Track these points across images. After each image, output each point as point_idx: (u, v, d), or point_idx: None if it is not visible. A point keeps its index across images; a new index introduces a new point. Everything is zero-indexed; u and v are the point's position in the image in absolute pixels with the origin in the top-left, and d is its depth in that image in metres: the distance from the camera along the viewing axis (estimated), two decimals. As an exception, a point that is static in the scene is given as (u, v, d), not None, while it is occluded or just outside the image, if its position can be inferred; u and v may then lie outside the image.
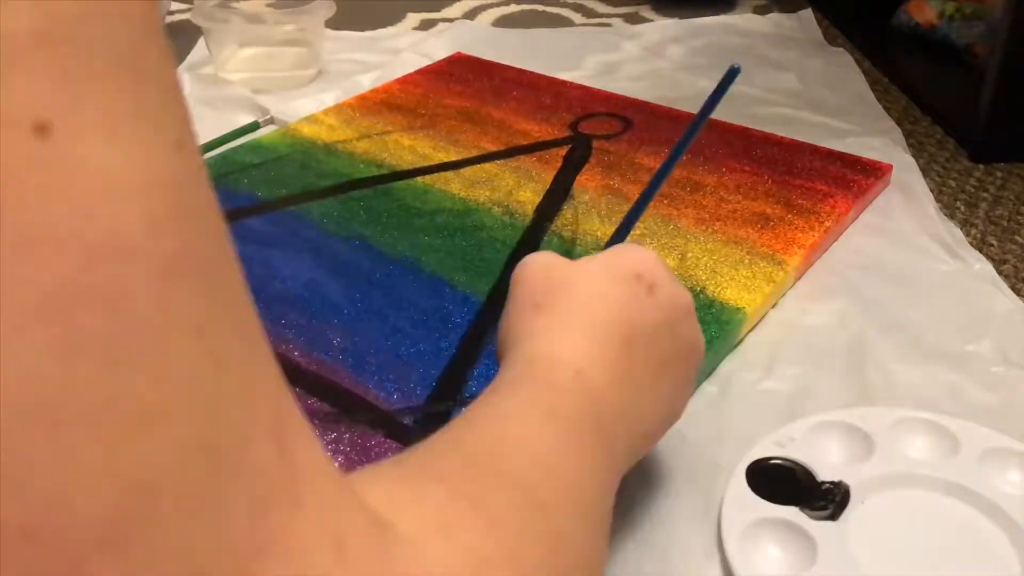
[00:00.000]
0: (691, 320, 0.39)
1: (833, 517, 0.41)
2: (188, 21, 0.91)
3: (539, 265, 0.38)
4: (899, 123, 0.81)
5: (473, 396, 0.47)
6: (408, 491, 0.23)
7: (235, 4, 0.92)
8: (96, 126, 0.16)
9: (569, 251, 0.59)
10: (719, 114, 0.77)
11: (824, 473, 0.44)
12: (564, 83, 0.84)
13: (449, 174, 0.69)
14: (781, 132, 0.74)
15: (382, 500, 0.21)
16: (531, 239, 0.60)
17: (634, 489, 0.44)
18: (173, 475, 0.16)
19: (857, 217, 0.66)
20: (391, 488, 0.23)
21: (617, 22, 1.08)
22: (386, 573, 0.20)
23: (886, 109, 0.84)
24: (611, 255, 0.39)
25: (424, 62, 0.90)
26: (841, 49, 0.97)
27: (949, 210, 0.69)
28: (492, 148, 0.72)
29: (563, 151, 0.72)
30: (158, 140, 0.17)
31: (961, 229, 0.66)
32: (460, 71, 0.87)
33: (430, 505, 0.23)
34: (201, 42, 0.94)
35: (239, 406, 0.18)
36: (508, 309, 0.37)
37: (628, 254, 0.39)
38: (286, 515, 0.18)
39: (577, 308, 0.35)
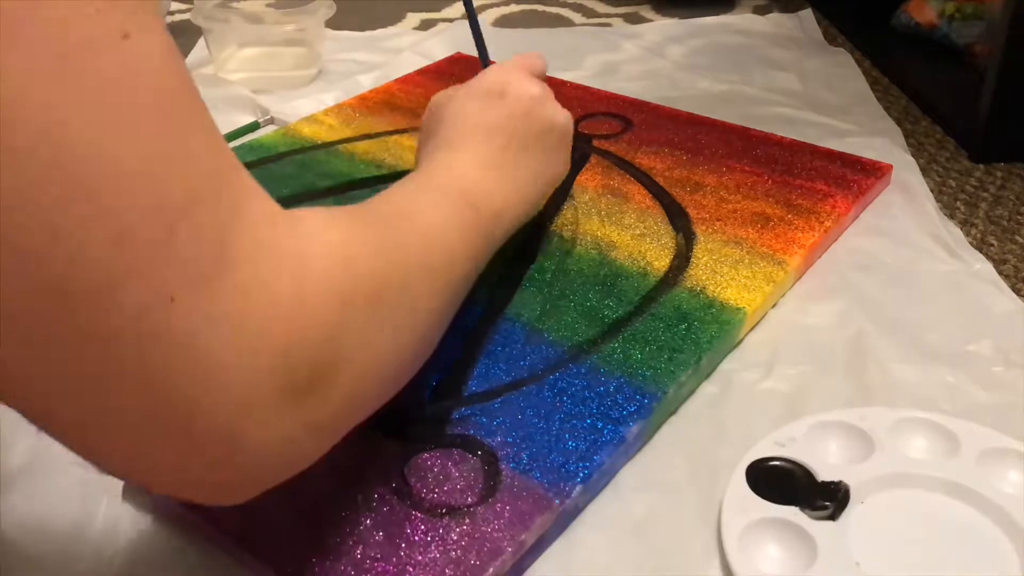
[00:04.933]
0: (543, 104, 0.52)
1: (833, 517, 0.41)
2: (188, 21, 0.91)
3: (429, 106, 0.53)
4: (899, 123, 0.81)
5: (473, 395, 0.47)
6: (322, 212, 0.34)
7: (235, 4, 0.92)
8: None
9: (569, 251, 0.59)
10: (719, 114, 0.78)
11: (824, 473, 0.44)
12: (564, 83, 0.84)
13: (449, 174, 0.68)
14: (781, 132, 0.74)
15: (305, 213, 0.32)
16: (531, 239, 0.60)
17: (634, 489, 0.44)
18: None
19: (857, 217, 0.66)
20: (311, 211, 0.33)
21: (617, 22, 1.08)
22: (285, 238, 0.30)
23: (886, 109, 0.84)
24: (474, 80, 0.52)
25: (424, 62, 0.90)
26: (841, 49, 0.97)
27: (949, 210, 0.69)
28: (492, 148, 0.72)
29: (563, 151, 0.72)
30: None
31: (961, 229, 0.66)
32: (460, 71, 0.87)
33: (325, 215, 0.33)
34: (201, 42, 0.94)
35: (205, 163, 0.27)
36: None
37: (485, 75, 0.53)
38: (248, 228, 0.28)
39: (449, 129, 0.49)
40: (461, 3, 1.12)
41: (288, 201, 0.65)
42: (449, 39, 0.98)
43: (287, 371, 0.29)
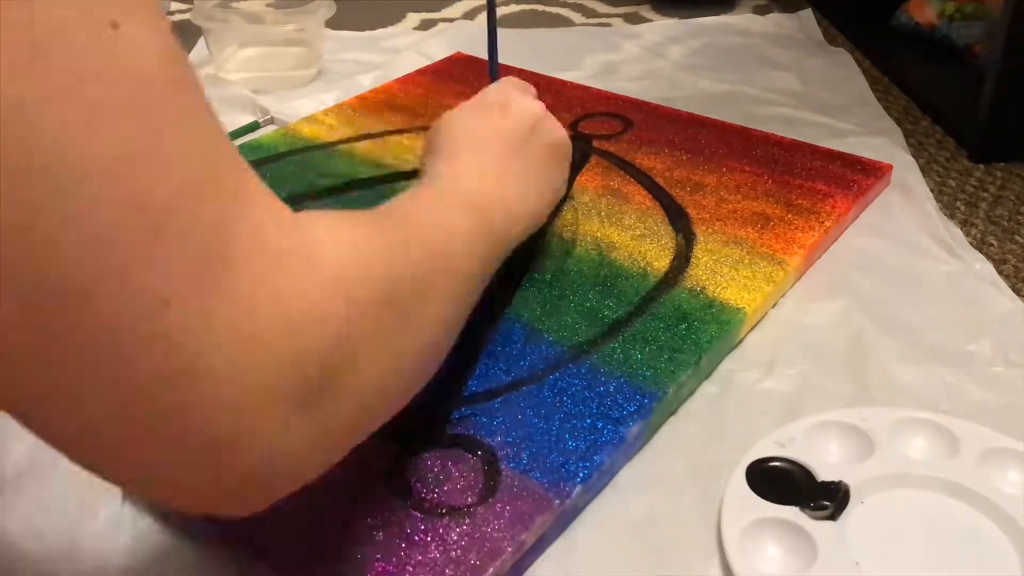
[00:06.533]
0: (544, 122, 0.53)
1: (833, 517, 0.41)
2: (188, 21, 0.91)
3: (435, 123, 0.52)
4: (899, 123, 0.81)
5: (473, 395, 0.47)
6: (332, 215, 0.33)
7: (235, 4, 0.92)
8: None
9: (569, 252, 0.59)
10: (719, 114, 0.78)
11: (824, 473, 0.44)
12: (564, 83, 0.84)
13: (449, 174, 0.68)
14: (781, 132, 0.74)
15: (314, 215, 0.32)
16: (531, 239, 0.60)
17: (634, 489, 0.44)
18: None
19: (857, 217, 0.66)
20: (319, 213, 0.33)
21: (617, 22, 1.08)
22: (291, 239, 0.29)
23: (886, 109, 0.84)
24: (477, 96, 0.54)
25: (424, 62, 0.90)
26: (841, 49, 0.97)
27: (949, 210, 0.69)
28: (492, 148, 0.72)
29: (563, 151, 0.72)
30: None
31: (961, 229, 0.66)
32: (460, 71, 0.87)
33: (335, 217, 0.33)
34: (201, 42, 0.94)
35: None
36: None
37: (488, 91, 0.55)
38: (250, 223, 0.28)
39: (453, 142, 0.50)
40: (461, 3, 1.12)
41: (288, 201, 0.65)
42: (449, 39, 0.98)
43: (295, 378, 0.28)
